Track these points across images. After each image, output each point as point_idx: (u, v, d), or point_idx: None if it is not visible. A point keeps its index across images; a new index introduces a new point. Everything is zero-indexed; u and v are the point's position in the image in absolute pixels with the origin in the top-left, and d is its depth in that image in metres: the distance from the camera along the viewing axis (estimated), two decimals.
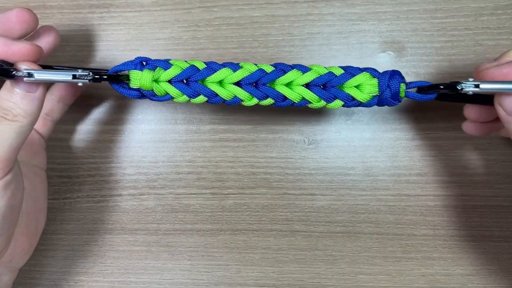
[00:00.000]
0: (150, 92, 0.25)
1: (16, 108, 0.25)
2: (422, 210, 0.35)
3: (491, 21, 0.34)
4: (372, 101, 0.25)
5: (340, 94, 0.25)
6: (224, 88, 0.25)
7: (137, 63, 0.25)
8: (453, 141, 0.34)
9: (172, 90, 0.25)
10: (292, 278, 0.36)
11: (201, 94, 0.25)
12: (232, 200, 0.36)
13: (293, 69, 0.25)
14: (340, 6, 0.35)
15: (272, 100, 0.26)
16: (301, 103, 0.26)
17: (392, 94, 0.24)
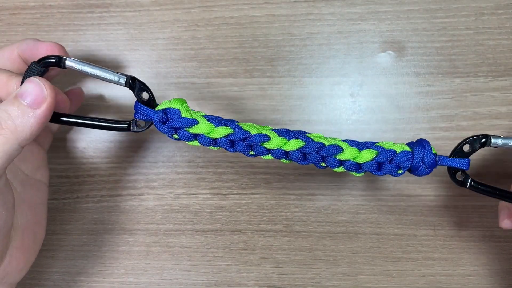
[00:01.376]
0: (176, 112, 0.25)
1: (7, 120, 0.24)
2: (422, 210, 0.35)
3: (491, 21, 0.34)
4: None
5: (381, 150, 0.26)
6: (259, 130, 0.26)
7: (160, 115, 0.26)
8: (453, 141, 0.34)
9: (198, 115, 0.26)
10: (292, 278, 0.36)
11: (229, 126, 0.26)
12: (232, 200, 0.36)
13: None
14: (340, 5, 0.35)
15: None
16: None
17: (429, 165, 0.25)
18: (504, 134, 0.34)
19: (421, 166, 0.25)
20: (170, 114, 0.25)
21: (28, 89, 0.24)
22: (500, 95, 0.34)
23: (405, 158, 0.25)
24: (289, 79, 0.35)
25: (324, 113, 0.35)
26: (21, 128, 0.24)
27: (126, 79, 0.25)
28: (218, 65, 0.35)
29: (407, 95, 0.35)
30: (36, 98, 0.24)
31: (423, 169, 0.25)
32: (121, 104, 0.36)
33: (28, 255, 0.30)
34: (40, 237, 0.31)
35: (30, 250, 0.30)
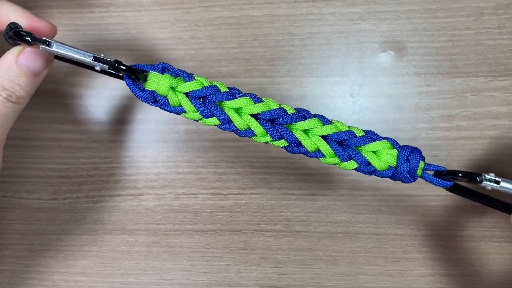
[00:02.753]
0: (163, 99, 0.24)
1: (20, 90, 0.24)
2: (422, 211, 0.35)
3: (491, 20, 0.34)
4: (387, 172, 0.24)
5: (357, 155, 0.23)
6: (241, 116, 0.24)
7: (159, 68, 0.24)
8: (453, 141, 0.34)
9: (186, 103, 0.24)
10: (292, 278, 0.36)
11: (215, 117, 0.24)
12: (232, 200, 0.36)
13: (314, 118, 0.24)
14: (340, 5, 0.35)
15: (286, 143, 0.24)
16: (315, 154, 0.24)
17: (410, 169, 0.23)
18: (504, 134, 0.34)
19: (402, 178, 0.24)
20: (158, 98, 0.24)
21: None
22: (500, 95, 0.34)
23: (385, 174, 0.24)
24: (289, 79, 0.35)
25: (324, 113, 0.35)
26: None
27: (108, 65, 0.23)
28: (218, 65, 0.35)
29: (407, 95, 0.35)
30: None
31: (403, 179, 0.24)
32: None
33: None
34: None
35: None
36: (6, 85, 0.24)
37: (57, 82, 0.36)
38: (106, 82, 0.36)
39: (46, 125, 0.36)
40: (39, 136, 0.36)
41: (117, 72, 0.24)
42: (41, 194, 0.37)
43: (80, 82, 0.36)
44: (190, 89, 0.24)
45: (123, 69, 0.23)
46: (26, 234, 0.37)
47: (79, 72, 0.36)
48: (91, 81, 0.36)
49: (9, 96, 0.24)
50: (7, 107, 0.24)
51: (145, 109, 0.36)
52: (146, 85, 0.24)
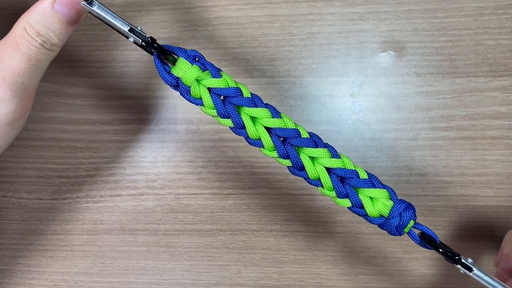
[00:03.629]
0: (186, 88, 0.24)
1: (54, 37, 0.24)
2: (422, 211, 0.35)
3: (491, 21, 0.34)
4: (377, 220, 0.24)
5: (353, 196, 0.24)
6: (255, 126, 0.24)
7: (190, 55, 0.24)
8: (453, 141, 0.34)
9: (207, 98, 0.23)
10: (292, 278, 0.36)
11: (231, 119, 0.24)
12: (232, 200, 0.36)
13: (324, 148, 0.24)
14: (340, 5, 0.35)
15: (290, 163, 0.24)
16: (315, 182, 0.24)
17: (399, 224, 0.23)
18: (504, 134, 0.34)
19: (390, 231, 0.24)
20: (181, 86, 0.24)
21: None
22: (500, 95, 0.34)
23: (375, 221, 0.24)
24: (289, 79, 0.35)
25: (324, 113, 0.35)
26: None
27: (142, 40, 0.23)
28: (218, 65, 0.35)
29: (407, 95, 0.35)
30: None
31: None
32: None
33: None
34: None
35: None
36: (41, 31, 0.23)
37: (57, 82, 0.36)
38: (106, 82, 0.36)
39: (46, 125, 0.36)
40: (39, 136, 0.36)
41: (149, 49, 0.23)
42: (41, 194, 0.37)
43: (80, 82, 0.36)
44: (214, 85, 0.24)
45: (155, 47, 0.23)
46: (26, 234, 0.37)
47: (79, 72, 0.36)
48: (91, 81, 0.36)
49: (44, 43, 0.24)
50: (42, 53, 0.24)
51: (145, 109, 0.36)
52: (173, 69, 0.24)
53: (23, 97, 0.24)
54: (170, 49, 0.24)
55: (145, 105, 0.36)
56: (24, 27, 0.23)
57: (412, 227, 0.24)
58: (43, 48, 0.24)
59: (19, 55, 0.23)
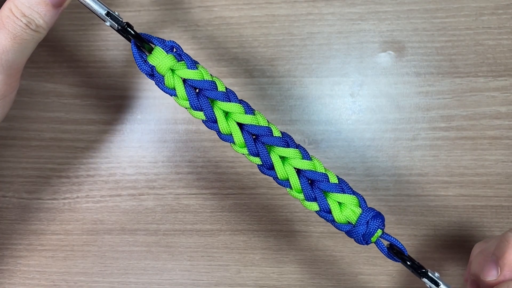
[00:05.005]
0: (160, 77, 0.24)
1: (39, 19, 0.24)
2: (422, 211, 0.35)
3: (491, 21, 0.34)
4: (344, 226, 0.23)
5: (321, 200, 0.23)
6: (227, 121, 0.23)
7: (168, 45, 0.24)
8: (453, 141, 0.34)
9: (180, 89, 0.23)
10: (292, 278, 0.36)
11: (203, 112, 0.24)
12: (232, 200, 0.36)
13: (296, 148, 0.24)
14: (340, 5, 0.35)
15: (260, 161, 0.24)
16: (283, 182, 0.24)
17: (366, 233, 0.23)
18: (504, 134, 0.34)
19: (356, 239, 0.24)
20: (155, 74, 0.24)
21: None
22: (500, 95, 0.34)
23: (342, 228, 0.24)
24: (289, 79, 0.35)
25: (324, 113, 0.35)
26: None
27: (118, 25, 0.23)
28: (218, 65, 0.35)
29: (407, 95, 0.35)
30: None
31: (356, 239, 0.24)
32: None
33: None
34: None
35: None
36: (26, 12, 0.24)
37: (57, 82, 0.36)
38: (106, 82, 0.36)
39: (46, 125, 0.36)
40: (39, 136, 0.36)
41: (126, 35, 0.24)
42: (41, 194, 0.37)
43: (80, 82, 0.36)
44: (188, 76, 0.23)
45: (132, 34, 0.24)
46: (26, 234, 0.37)
47: (79, 72, 0.36)
48: (91, 81, 0.36)
49: (29, 23, 0.24)
50: (27, 33, 0.24)
51: (145, 109, 0.36)
52: (149, 58, 0.24)
53: (8, 74, 0.25)
54: (147, 38, 0.24)
55: (145, 105, 0.36)
56: (10, 8, 0.24)
57: (380, 237, 0.23)
58: (28, 29, 0.24)
59: (4, 33, 0.24)
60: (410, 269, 0.23)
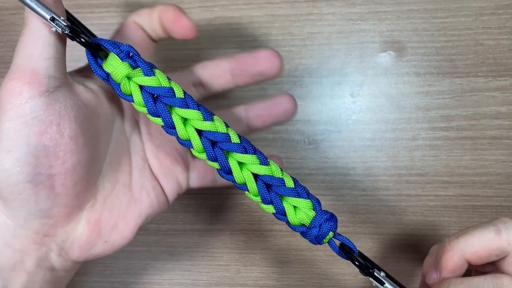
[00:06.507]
0: (116, 84, 0.23)
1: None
2: (422, 211, 0.35)
3: (491, 21, 0.34)
4: (298, 228, 0.24)
5: (277, 203, 0.24)
6: (185, 127, 0.24)
7: (124, 51, 0.23)
8: (453, 141, 0.34)
9: (137, 96, 0.23)
10: (292, 278, 0.36)
11: (161, 118, 0.23)
12: (232, 200, 0.36)
13: (253, 154, 0.24)
14: (340, 5, 0.35)
15: (219, 166, 0.24)
16: (241, 186, 0.24)
17: (318, 235, 0.24)
18: (504, 134, 0.34)
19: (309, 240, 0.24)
20: (111, 81, 0.23)
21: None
22: (500, 95, 0.34)
23: (296, 229, 0.25)
24: (289, 79, 0.35)
25: (324, 113, 0.35)
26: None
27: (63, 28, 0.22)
28: None
29: (407, 95, 0.35)
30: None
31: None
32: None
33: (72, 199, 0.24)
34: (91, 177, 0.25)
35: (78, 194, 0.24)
36: None
37: None
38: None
39: None
40: None
41: (76, 39, 0.22)
42: None
43: None
44: (145, 83, 0.23)
45: (82, 42, 0.22)
46: None
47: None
48: None
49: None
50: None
51: None
52: (104, 65, 0.23)
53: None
54: (101, 43, 0.23)
55: None
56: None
57: (332, 237, 0.24)
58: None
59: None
60: (358, 268, 0.24)
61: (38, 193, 0.22)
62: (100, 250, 0.25)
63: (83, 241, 0.25)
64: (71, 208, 0.24)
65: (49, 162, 0.22)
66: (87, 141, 0.24)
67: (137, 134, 0.28)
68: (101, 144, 0.25)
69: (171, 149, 0.28)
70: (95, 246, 0.25)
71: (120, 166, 0.26)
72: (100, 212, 0.25)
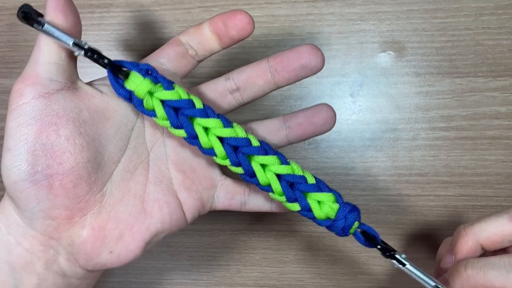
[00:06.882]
0: (138, 100, 0.24)
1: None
2: (422, 210, 0.35)
3: (491, 21, 0.34)
4: (324, 222, 0.25)
5: (302, 200, 0.25)
6: (207, 136, 0.25)
7: (143, 69, 0.24)
8: (453, 141, 0.34)
9: (160, 110, 0.24)
10: (292, 278, 0.36)
11: (183, 129, 0.24)
12: None
13: (274, 155, 0.25)
14: (340, 6, 0.35)
15: (242, 171, 0.25)
16: (265, 188, 0.25)
17: (345, 226, 0.25)
18: (504, 134, 0.34)
19: (336, 232, 0.25)
20: (134, 98, 0.24)
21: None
22: (500, 95, 0.34)
23: (322, 223, 0.25)
24: None
25: None
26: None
27: (85, 51, 0.23)
28: (218, 65, 0.35)
29: (407, 95, 0.35)
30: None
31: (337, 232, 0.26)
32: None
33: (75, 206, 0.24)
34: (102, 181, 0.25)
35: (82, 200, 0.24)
36: None
37: None
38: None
39: None
40: None
41: (98, 62, 0.24)
42: None
43: None
44: (167, 97, 0.24)
45: (103, 63, 0.24)
46: None
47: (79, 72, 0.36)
48: None
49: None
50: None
51: None
52: (126, 83, 0.24)
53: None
54: (122, 64, 0.24)
55: None
56: None
57: (357, 228, 0.25)
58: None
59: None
60: (380, 252, 0.25)
61: (38, 193, 0.23)
62: (106, 260, 0.25)
63: (88, 248, 0.24)
64: (73, 211, 0.24)
65: (47, 162, 0.23)
66: (88, 144, 0.24)
67: (161, 146, 0.27)
68: (109, 149, 0.25)
69: (198, 164, 0.28)
70: (100, 255, 0.25)
71: (134, 176, 0.26)
72: (105, 219, 0.25)
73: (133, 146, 0.26)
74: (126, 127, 0.26)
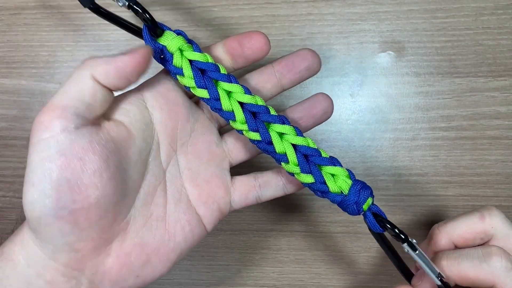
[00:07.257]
0: (169, 56, 0.25)
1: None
2: (422, 211, 0.35)
3: (491, 21, 0.34)
4: (337, 197, 0.25)
5: (316, 172, 0.25)
6: (229, 100, 0.25)
7: (176, 32, 0.26)
8: (453, 141, 0.34)
9: (187, 68, 0.25)
10: (292, 278, 0.36)
11: (207, 90, 0.25)
12: None
13: (290, 126, 0.26)
14: (340, 6, 0.35)
15: (259, 137, 0.25)
16: (281, 156, 0.25)
17: (358, 201, 0.25)
18: (504, 134, 0.34)
19: (349, 207, 0.25)
20: (165, 53, 0.25)
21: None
22: (500, 95, 0.34)
23: (335, 198, 0.25)
24: None
25: None
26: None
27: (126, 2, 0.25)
28: None
29: (407, 95, 0.35)
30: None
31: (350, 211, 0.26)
32: None
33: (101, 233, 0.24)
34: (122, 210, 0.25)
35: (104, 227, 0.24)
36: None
37: (57, 82, 0.36)
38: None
39: None
40: None
41: (140, 16, 0.25)
42: None
43: None
44: (195, 58, 0.25)
45: (147, 18, 0.25)
46: None
47: None
48: None
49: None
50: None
51: None
52: (159, 39, 0.26)
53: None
54: (159, 24, 0.25)
55: None
56: None
57: (370, 205, 0.25)
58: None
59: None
60: (394, 236, 0.26)
61: (62, 227, 0.22)
62: (132, 284, 0.25)
63: (113, 275, 0.24)
64: (98, 241, 0.23)
65: (72, 197, 0.22)
66: (114, 175, 0.23)
67: (174, 164, 0.27)
68: (132, 177, 0.25)
69: (211, 175, 0.28)
70: (126, 281, 0.24)
71: (154, 199, 0.26)
72: (131, 246, 0.24)
73: (151, 168, 0.26)
74: (145, 151, 0.25)
